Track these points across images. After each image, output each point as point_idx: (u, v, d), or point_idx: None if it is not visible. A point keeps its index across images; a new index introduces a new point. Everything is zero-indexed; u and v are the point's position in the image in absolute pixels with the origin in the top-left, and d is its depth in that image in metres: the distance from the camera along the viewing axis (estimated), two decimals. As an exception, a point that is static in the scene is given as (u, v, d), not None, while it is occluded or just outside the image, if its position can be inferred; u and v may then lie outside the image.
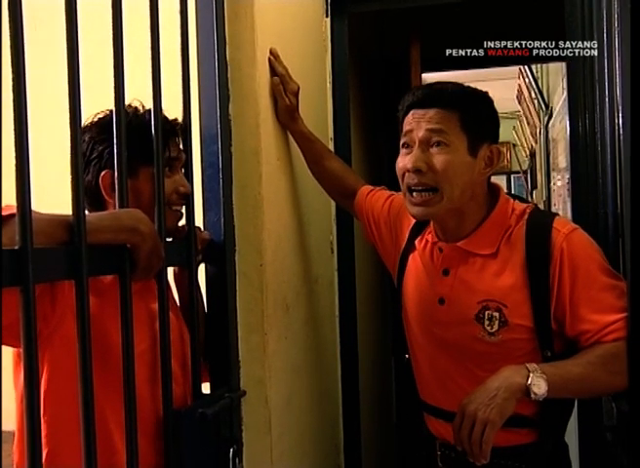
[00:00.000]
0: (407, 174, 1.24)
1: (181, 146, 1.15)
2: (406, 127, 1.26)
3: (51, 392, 0.99)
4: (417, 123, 1.23)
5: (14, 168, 0.73)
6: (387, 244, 1.50)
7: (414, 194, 1.24)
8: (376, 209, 1.52)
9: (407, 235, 1.42)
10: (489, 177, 1.30)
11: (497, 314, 1.22)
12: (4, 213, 0.77)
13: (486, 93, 1.30)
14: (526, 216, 1.26)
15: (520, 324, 1.21)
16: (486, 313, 1.22)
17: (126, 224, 0.91)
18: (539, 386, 1.11)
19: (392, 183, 1.83)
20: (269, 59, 1.42)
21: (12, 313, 0.74)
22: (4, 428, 0.73)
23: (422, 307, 1.35)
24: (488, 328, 1.22)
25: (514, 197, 1.34)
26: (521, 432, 1.26)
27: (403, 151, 1.27)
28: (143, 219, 0.94)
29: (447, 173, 1.20)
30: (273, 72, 1.44)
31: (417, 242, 1.39)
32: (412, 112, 1.25)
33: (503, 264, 1.24)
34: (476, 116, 1.24)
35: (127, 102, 1.05)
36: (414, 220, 1.39)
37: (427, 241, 1.36)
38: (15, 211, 0.75)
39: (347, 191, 1.60)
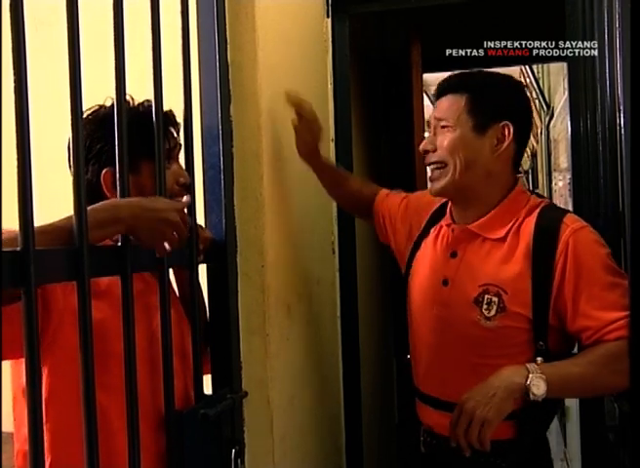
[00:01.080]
0: (424, 155, 1.37)
1: (175, 134, 1.13)
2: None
3: (52, 399, 0.97)
4: (435, 110, 1.35)
5: (15, 169, 0.73)
6: (401, 238, 1.55)
7: (429, 170, 1.36)
8: (392, 209, 1.59)
9: (424, 225, 1.48)
10: (515, 164, 1.33)
11: (495, 299, 1.24)
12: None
13: (513, 79, 1.37)
14: (538, 209, 1.29)
15: (518, 312, 1.22)
16: (485, 297, 1.25)
17: (105, 219, 0.87)
18: (538, 387, 1.12)
19: (393, 183, 1.84)
20: (295, 106, 1.46)
21: (13, 329, 0.73)
22: (4, 429, 0.73)
23: (427, 288, 1.38)
24: (485, 312, 1.24)
25: (532, 193, 1.37)
26: (500, 425, 1.25)
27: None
28: (120, 206, 0.90)
29: (449, 149, 1.29)
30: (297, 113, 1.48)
31: (432, 229, 1.45)
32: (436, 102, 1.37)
33: (510, 252, 1.26)
34: (486, 98, 1.30)
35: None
36: (432, 212, 1.47)
37: (442, 226, 1.42)
38: (13, 234, 0.73)
39: (366, 204, 1.66)
